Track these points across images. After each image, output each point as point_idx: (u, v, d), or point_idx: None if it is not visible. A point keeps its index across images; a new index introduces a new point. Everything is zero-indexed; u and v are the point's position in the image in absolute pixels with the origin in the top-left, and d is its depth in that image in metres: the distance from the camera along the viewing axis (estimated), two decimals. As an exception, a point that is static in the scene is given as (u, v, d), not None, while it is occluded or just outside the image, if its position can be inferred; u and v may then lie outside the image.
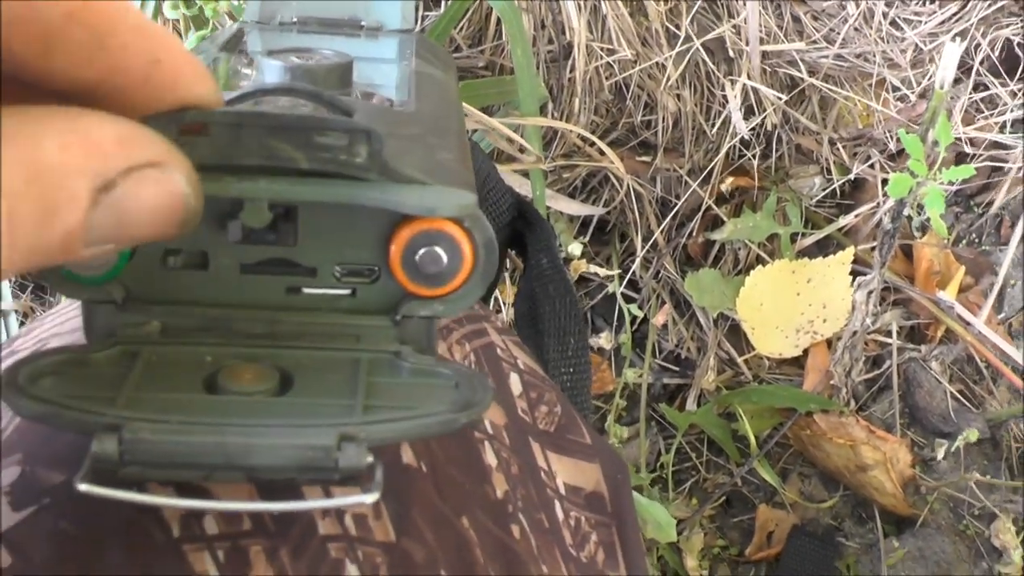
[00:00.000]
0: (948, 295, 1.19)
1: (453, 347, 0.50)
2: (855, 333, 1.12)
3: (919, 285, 1.24)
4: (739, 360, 1.23)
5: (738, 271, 1.25)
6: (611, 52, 1.03)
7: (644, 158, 1.17)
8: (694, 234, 1.23)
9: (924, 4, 1.15)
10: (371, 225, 0.34)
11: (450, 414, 0.31)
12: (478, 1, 0.99)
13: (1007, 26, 1.18)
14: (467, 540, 0.43)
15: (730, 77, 1.09)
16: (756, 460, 1.17)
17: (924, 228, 1.25)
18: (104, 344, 0.33)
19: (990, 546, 1.11)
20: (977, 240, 1.31)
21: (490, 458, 0.47)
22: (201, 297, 0.35)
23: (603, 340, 1.22)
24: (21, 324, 1.10)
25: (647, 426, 1.21)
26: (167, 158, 0.28)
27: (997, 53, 1.22)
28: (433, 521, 0.41)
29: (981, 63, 1.22)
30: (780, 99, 1.12)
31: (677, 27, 1.05)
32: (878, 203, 1.23)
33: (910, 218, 1.08)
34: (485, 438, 0.48)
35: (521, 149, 0.94)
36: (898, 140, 0.92)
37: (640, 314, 1.23)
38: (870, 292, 1.07)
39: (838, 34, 1.11)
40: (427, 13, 1.00)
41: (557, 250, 0.63)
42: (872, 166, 1.25)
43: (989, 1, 1.15)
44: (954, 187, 1.28)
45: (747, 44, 1.07)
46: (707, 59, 1.08)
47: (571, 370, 0.63)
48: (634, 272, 1.23)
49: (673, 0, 1.05)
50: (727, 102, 1.10)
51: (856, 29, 1.11)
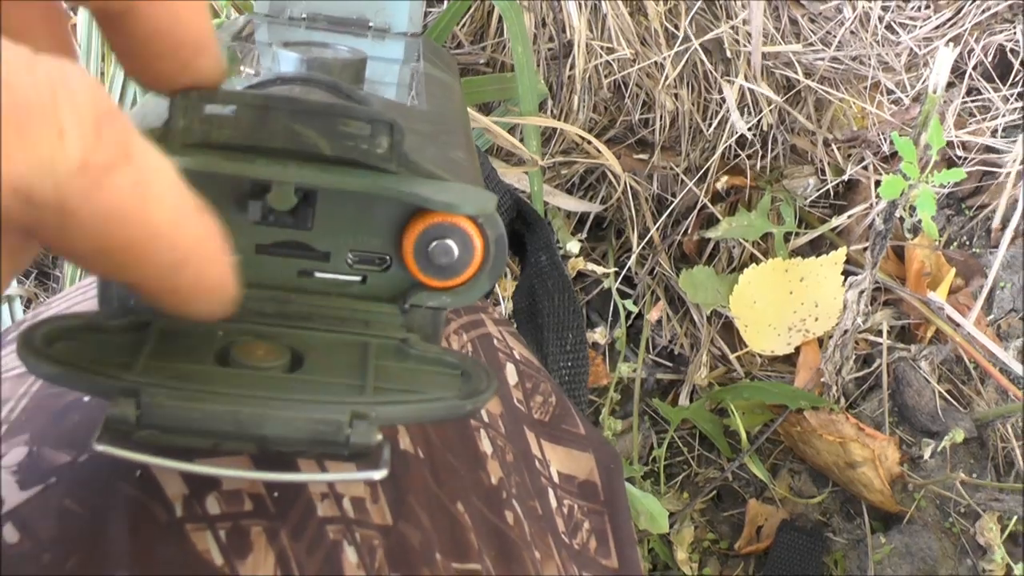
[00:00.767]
0: (938, 296, 1.20)
1: (451, 337, 0.51)
2: (846, 332, 1.12)
3: (910, 286, 1.24)
4: (731, 357, 1.23)
5: (732, 269, 1.25)
6: (611, 51, 1.03)
7: (641, 156, 1.18)
8: (689, 232, 1.23)
9: (919, 9, 1.16)
10: (386, 215, 0.35)
11: (456, 400, 0.32)
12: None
13: (1000, 32, 1.19)
14: (462, 525, 0.43)
15: (727, 78, 1.10)
16: (747, 455, 1.17)
17: (916, 230, 1.26)
18: (117, 313, 0.33)
19: (975, 543, 1.12)
20: (968, 242, 1.32)
21: (485, 446, 0.48)
22: None
23: (598, 335, 1.22)
24: (25, 310, 1.10)
25: (640, 420, 1.21)
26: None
27: (990, 58, 1.23)
28: (429, 506, 0.42)
29: (974, 68, 1.22)
30: (777, 100, 1.12)
31: (676, 27, 1.06)
32: (871, 204, 1.23)
33: (902, 219, 1.09)
34: (481, 426, 0.49)
35: (518, 145, 0.95)
36: (891, 142, 0.93)
37: (635, 310, 1.24)
38: (861, 292, 1.08)
39: (834, 37, 1.12)
40: (430, 9, 1.00)
41: (556, 248, 0.64)
42: (866, 167, 1.25)
43: (983, 7, 1.15)
44: (946, 190, 1.29)
45: (745, 45, 1.08)
46: (705, 59, 1.08)
47: (569, 364, 0.64)
48: (630, 268, 1.23)
49: (672, 0, 1.05)
50: (724, 102, 1.10)
51: (852, 32, 1.12)
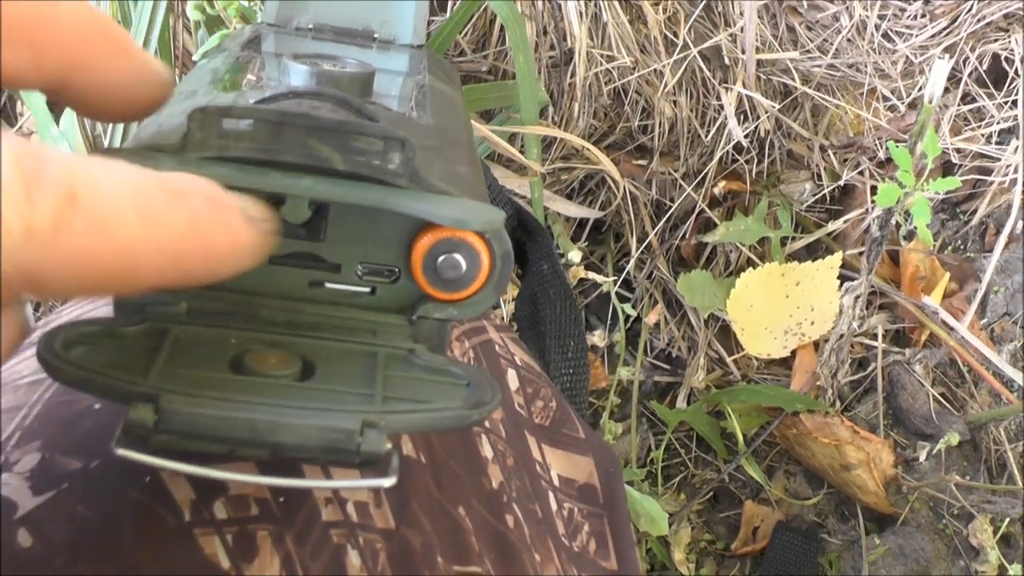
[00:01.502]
0: (933, 300, 1.20)
1: (453, 343, 0.52)
2: (842, 336, 1.13)
3: (905, 290, 1.25)
4: (728, 360, 1.24)
5: (729, 273, 1.26)
6: (611, 59, 1.04)
7: (640, 161, 1.18)
8: (687, 236, 1.24)
9: (916, 18, 1.17)
10: (396, 229, 0.35)
11: (463, 411, 0.32)
12: (483, 7, 1.00)
13: (995, 41, 1.20)
14: (463, 528, 0.44)
15: (725, 84, 1.11)
16: (743, 457, 1.18)
17: (911, 235, 1.27)
18: (133, 320, 0.33)
19: (968, 545, 1.13)
20: (962, 247, 1.33)
21: (487, 450, 0.49)
22: (228, 283, 0.35)
23: (597, 338, 1.23)
24: (37, 319, 1.10)
25: (638, 422, 1.22)
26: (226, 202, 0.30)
27: (985, 66, 1.24)
28: (431, 510, 0.42)
29: (970, 75, 1.23)
30: (774, 106, 1.13)
31: (675, 35, 1.07)
32: (867, 209, 1.24)
33: (898, 225, 1.10)
34: (482, 431, 0.49)
35: (520, 151, 0.96)
36: (887, 148, 0.93)
37: (633, 313, 1.25)
38: (857, 296, 1.08)
39: (831, 44, 1.13)
40: (433, 18, 1.01)
41: (557, 256, 0.65)
42: (862, 173, 1.26)
43: (978, 16, 1.16)
44: (940, 196, 1.30)
45: (743, 52, 1.09)
46: (703, 66, 1.09)
47: (571, 371, 0.65)
48: (628, 272, 1.24)
49: (672, 9, 1.06)
50: (722, 109, 1.11)
51: (849, 40, 1.13)
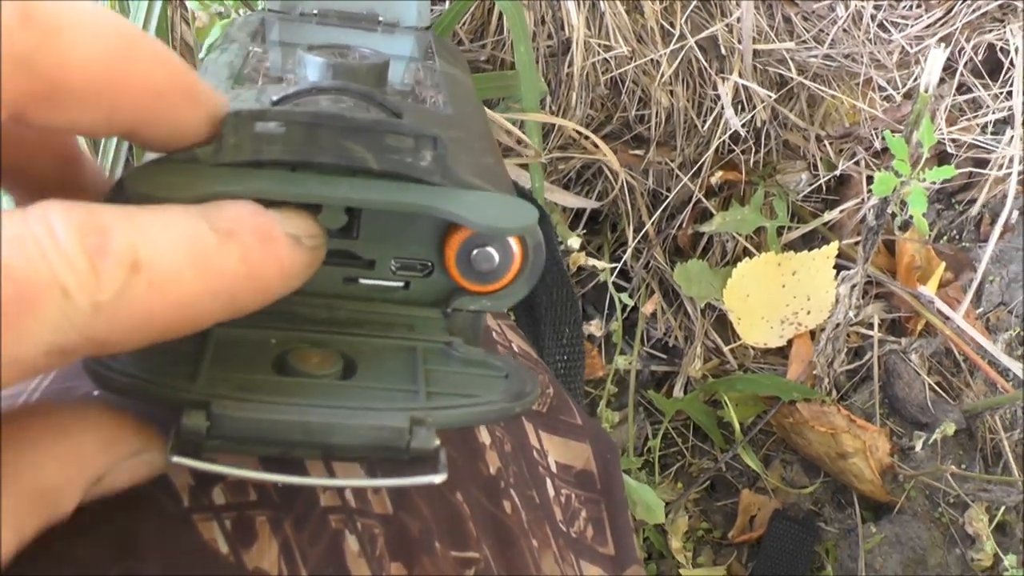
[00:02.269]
0: (928, 290, 1.21)
1: None
2: (838, 325, 1.13)
3: (901, 280, 1.25)
4: (725, 349, 1.24)
5: (726, 262, 1.27)
6: (608, 48, 1.04)
7: (637, 151, 1.19)
8: (684, 226, 1.24)
9: (911, 8, 1.17)
10: (429, 225, 0.35)
11: (506, 403, 0.32)
12: (483, -2, 1.00)
13: (990, 31, 1.20)
14: (460, 514, 0.44)
15: (722, 75, 1.11)
16: (740, 446, 1.19)
17: (906, 225, 1.27)
18: None
19: (963, 533, 1.13)
20: (958, 237, 1.33)
21: (484, 436, 0.49)
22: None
23: (594, 327, 1.23)
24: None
25: (635, 411, 1.22)
26: (146, 444, 0.30)
27: (980, 57, 1.24)
28: (428, 495, 0.42)
29: (965, 66, 1.24)
30: (770, 96, 1.14)
31: (672, 25, 1.07)
32: (863, 199, 1.25)
33: (894, 215, 1.10)
34: (480, 417, 0.50)
35: (519, 141, 0.96)
36: (883, 138, 0.94)
37: (630, 303, 1.25)
38: (853, 286, 1.09)
39: (827, 35, 1.13)
40: (433, 8, 1.01)
41: (556, 242, 0.65)
42: (857, 163, 1.26)
43: (973, 7, 1.16)
44: (936, 186, 1.30)
45: (740, 43, 1.09)
46: (700, 56, 1.10)
47: (565, 357, 0.65)
48: (625, 262, 1.24)
49: (668, -1, 1.06)
50: (719, 98, 1.12)
51: (845, 30, 1.13)
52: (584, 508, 0.56)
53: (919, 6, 1.17)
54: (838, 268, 1.19)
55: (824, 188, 1.29)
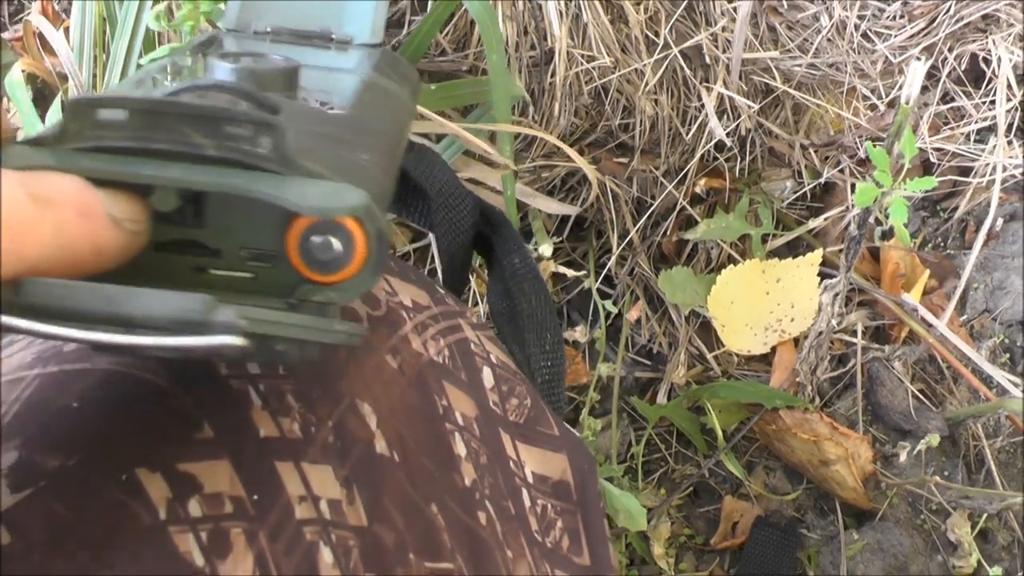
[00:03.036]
0: (912, 297, 1.21)
1: (428, 342, 0.52)
2: (821, 332, 1.14)
3: (885, 287, 1.26)
4: (709, 356, 1.25)
5: (710, 270, 1.27)
6: (591, 58, 1.05)
7: (621, 159, 1.19)
8: (668, 233, 1.25)
9: (895, 19, 1.18)
10: (272, 213, 0.36)
11: (326, 319, 0.33)
12: (464, 8, 1.00)
13: (973, 41, 1.21)
14: (435, 525, 0.45)
15: (706, 84, 1.11)
16: (723, 453, 1.19)
17: (889, 234, 1.27)
18: None
19: (946, 540, 1.14)
20: (943, 244, 1.34)
21: (460, 448, 0.50)
22: (117, 273, 0.36)
23: (578, 334, 1.23)
24: None
25: (619, 418, 1.23)
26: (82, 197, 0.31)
27: (964, 66, 1.25)
28: (403, 507, 0.43)
29: (948, 75, 1.24)
30: (753, 107, 1.14)
31: (656, 34, 1.07)
32: (847, 207, 1.25)
33: (878, 221, 1.10)
34: (456, 429, 0.50)
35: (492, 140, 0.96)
36: (867, 147, 0.94)
37: (614, 310, 1.25)
38: (836, 293, 1.09)
39: (811, 44, 1.13)
40: (413, 17, 1.01)
41: (527, 250, 0.65)
42: (842, 171, 1.27)
43: (956, 18, 1.17)
44: (920, 194, 1.31)
45: (724, 52, 1.10)
46: (684, 66, 1.10)
47: (549, 363, 0.65)
48: (609, 269, 1.25)
49: (653, 8, 1.06)
50: (703, 107, 1.12)
51: (829, 40, 1.13)
52: (560, 519, 0.57)
53: (902, 16, 1.17)
54: (822, 276, 1.20)
55: (809, 196, 1.29)
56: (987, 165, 1.25)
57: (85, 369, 0.40)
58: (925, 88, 1.26)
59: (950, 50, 1.21)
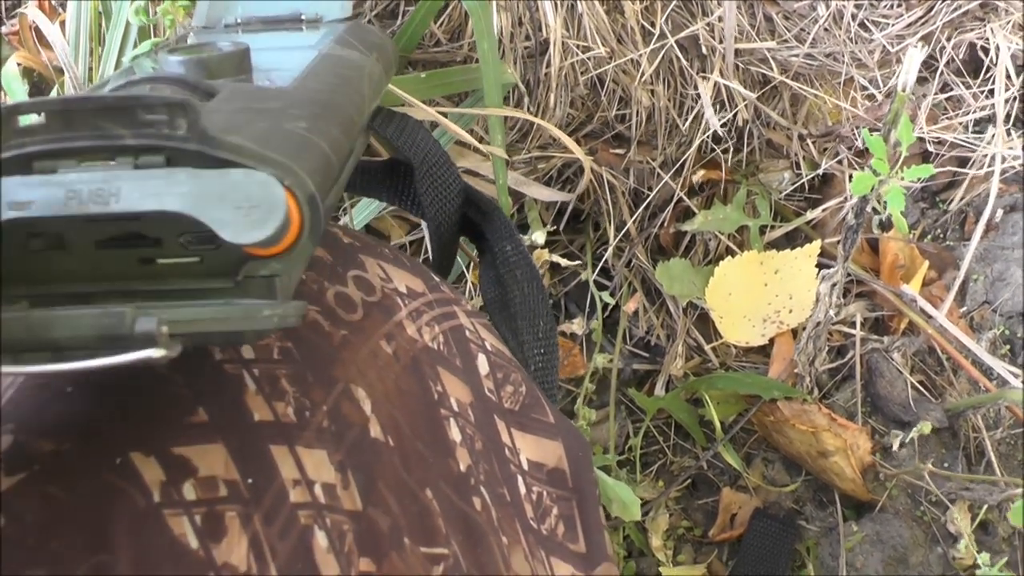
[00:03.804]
0: (911, 288, 1.21)
1: (423, 328, 0.52)
2: (819, 324, 1.13)
3: (884, 278, 1.26)
4: (707, 348, 1.24)
5: (708, 261, 1.27)
6: (586, 49, 1.05)
7: (618, 150, 1.19)
8: (665, 225, 1.25)
9: (892, 7, 1.17)
10: None
11: (255, 307, 0.33)
12: (458, -2, 1.00)
13: (971, 30, 1.20)
14: (430, 510, 0.45)
15: (703, 74, 1.11)
16: (721, 445, 1.19)
17: (887, 224, 1.27)
18: None
19: (945, 531, 1.13)
20: (942, 235, 1.33)
21: (455, 434, 0.50)
22: (64, 275, 0.36)
23: (575, 326, 1.23)
24: None
25: (616, 410, 1.22)
26: None
27: (962, 56, 1.25)
28: (398, 492, 0.43)
29: (946, 65, 1.24)
30: (750, 96, 1.14)
31: (652, 25, 1.07)
32: (845, 198, 1.25)
33: (876, 211, 1.10)
34: (451, 415, 0.50)
35: (481, 139, 0.96)
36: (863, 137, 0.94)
37: (612, 301, 1.25)
38: (833, 284, 1.09)
39: (808, 34, 1.13)
40: (408, 8, 1.01)
41: (519, 237, 0.65)
42: (840, 162, 1.27)
43: (954, 6, 1.17)
44: (918, 185, 1.31)
45: (720, 42, 1.10)
46: (681, 56, 1.10)
47: (542, 351, 0.65)
48: (607, 260, 1.24)
49: (648, -2, 1.06)
50: (700, 98, 1.12)
51: (826, 30, 1.13)
52: (555, 506, 0.57)
53: (900, 5, 1.17)
54: (821, 267, 1.19)
55: (807, 187, 1.29)
56: (986, 155, 1.25)
57: None
58: (923, 79, 1.25)
59: (948, 39, 1.21)
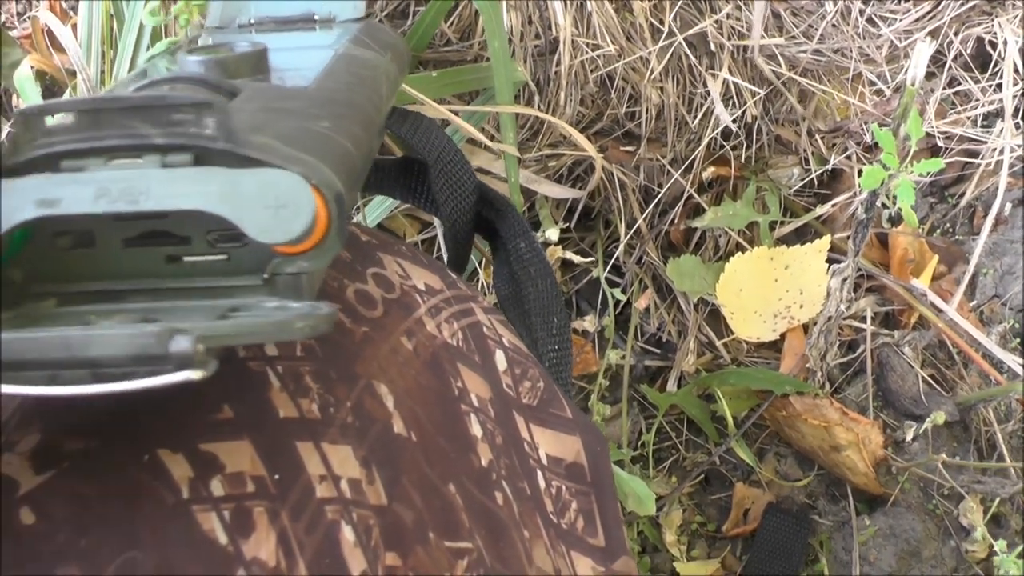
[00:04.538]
0: (921, 283, 1.21)
1: (442, 325, 0.53)
2: (830, 318, 1.14)
3: (893, 273, 1.26)
4: (718, 343, 1.25)
5: (718, 257, 1.27)
6: (596, 47, 1.05)
7: (628, 148, 1.19)
8: (676, 221, 1.25)
9: (899, 3, 1.18)
10: None
11: (287, 317, 0.33)
12: (468, -1, 1.01)
13: (979, 24, 1.21)
14: (453, 505, 0.45)
15: (712, 71, 1.11)
16: (734, 440, 1.19)
17: (896, 219, 1.28)
18: (5, 312, 0.35)
19: (958, 525, 1.14)
20: (951, 230, 1.34)
21: (475, 429, 0.50)
22: (92, 272, 0.37)
23: (587, 323, 1.23)
24: None
25: (629, 406, 1.23)
26: None
27: (970, 50, 1.25)
28: (422, 487, 0.44)
29: (954, 59, 1.24)
30: (759, 93, 1.14)
31: (661, 22, 1.07)
32: (854, 193, 1.25)
33: (885, 207, 1.10)
34: (471, 410, 0.51)
35: (492, 137, 0.96)
36: (873, 132, 0.94)
37: (623, 298, 1.25)
38: (844, 279, 1.09)
39: (816, 30, 1.13)
40: (418, 8, 1.02)
41: (533, 235, 0.66)
42: (849, 157, 1.27)
43: (961, 1, 1.17)
44: (927, 179, 1.31)
45: (729, 39, 1.10)
46: (689, 53, 1.10)
47: (556, 347, 0.66)
48: (618, 257, 1.25)
49: (657, -4, 1.07)
50: (709, 95, 1.12)
51: (834, 26, 1.14)
52: (574, 500, 0.57)
53: (907, 0, 1.17)
54: (830, 262, 1.19)
55: (816, 183, 1.29)
56: (994, 149, 1.25)
57: None
58: (931, 74, 1.26)
59: (956, 34, 1.21)
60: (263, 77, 0.47)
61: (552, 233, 1.11)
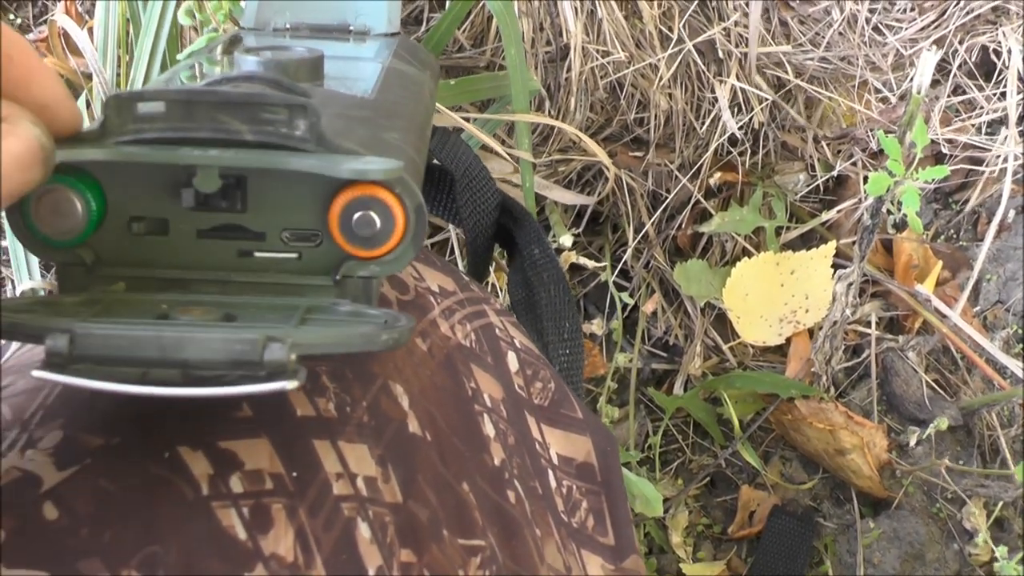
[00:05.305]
0: (926, 288, 1.22)
1: (455, 326, 0.53)
2: (835, 323, 1.14)
3: (898, 278, 1.26)
4: (724, 347, 1.26)
5: (725, 262, 1.28)
6: (606, 54, 1.06)
7: (637, 153, 1.20)
8: (683, 226, 1.26)
9: (905, 11, 1.18)
10: (313, 192, 0.37)
11: (373, 329, 0.34)
12: (481, 5, 1.01)
13: (983, 33, 1.21)
14: (467, 503, 0.46)
15: (720, 78, 1.12)
16: (739, 443, 1.20)
17: (902, 225, 1.28)
18: (72, 293, 0.36)
19: (961, 528, 1.14)
20: (955, 236, 1.34)
21: (489, 429, 0.51)
22: (162, 260, 0.38)
23: (595, 326, 1.24)
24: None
25: (636, 408, 1.23)
26: (10, 111, 0.32)
27: (975, 59, 1.26)
28: (436, 485, 0.44)
29: (959, 68, 1.25)
30: (767, 99, 1.15)
31: (670, 29, 1.08)
32: (860, 199, 1.26)
33: (890, 213, 1.11)
34: (484, 410, 0.51)
35: (503, 142, 0.97)
36: (879, 139, 0.95)
37: (631, 302, 1.26)
38: (850, 284, 1.10)
39: (823, 38, 1.14)
40: (432, 15, 1.03)
41: (547, 241, 0.67)
42: (855, 164, 1.28)
43: (966, 10, 1.18)
44: (932, 186, 1.31)
45: (737, 46, 1.11)
46: (698, 60, 1.11)
47: (567, 351, 0.66)
48: (625, 262, 1.25)
49: (666, 4, 1.07)
50: (716, 101, 1.13)
51: (840, 34, 1.14)
52: (585, 499, 0.58)
53: (913, 9, 1.18)
54: (836, 267, 1.20)
55: (822, 188, 1.30)
56: (998, 157, 1.25)
57: None
58: (936, 81, 1.26)
59: (960, 42, 1.22)
60: (318, 83, 0.47)
61: (566, 239, 1.12)
